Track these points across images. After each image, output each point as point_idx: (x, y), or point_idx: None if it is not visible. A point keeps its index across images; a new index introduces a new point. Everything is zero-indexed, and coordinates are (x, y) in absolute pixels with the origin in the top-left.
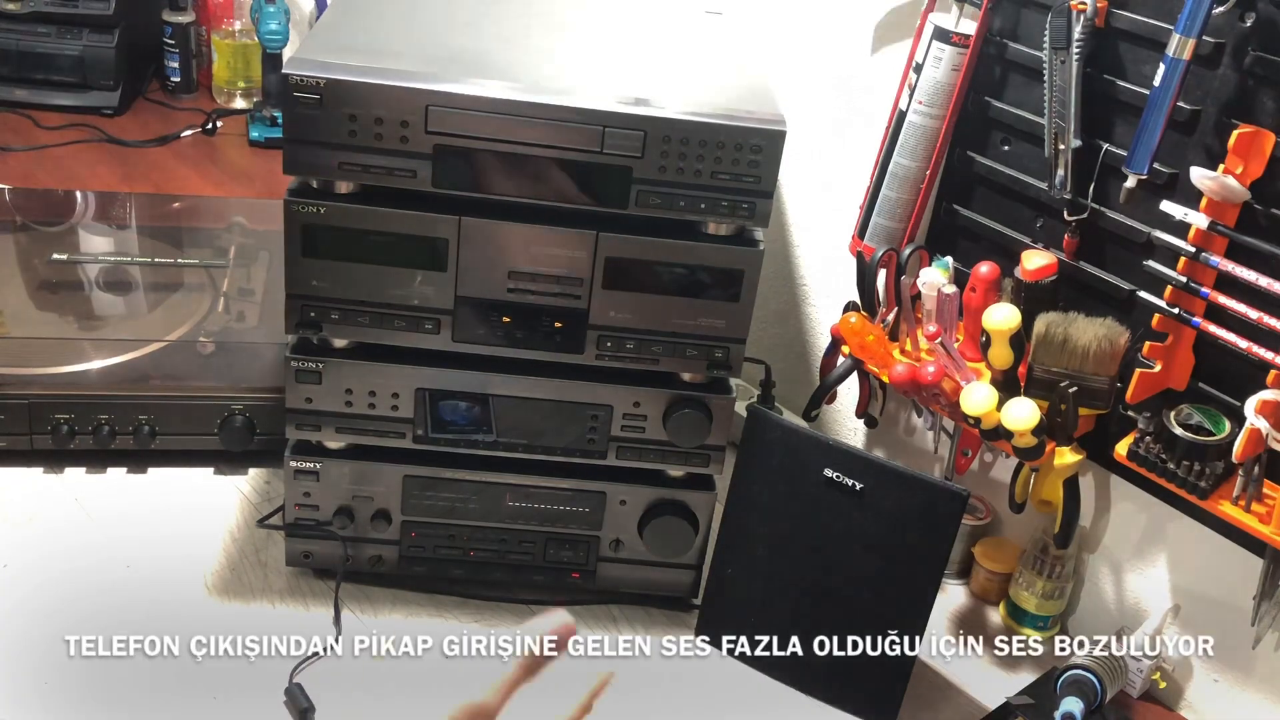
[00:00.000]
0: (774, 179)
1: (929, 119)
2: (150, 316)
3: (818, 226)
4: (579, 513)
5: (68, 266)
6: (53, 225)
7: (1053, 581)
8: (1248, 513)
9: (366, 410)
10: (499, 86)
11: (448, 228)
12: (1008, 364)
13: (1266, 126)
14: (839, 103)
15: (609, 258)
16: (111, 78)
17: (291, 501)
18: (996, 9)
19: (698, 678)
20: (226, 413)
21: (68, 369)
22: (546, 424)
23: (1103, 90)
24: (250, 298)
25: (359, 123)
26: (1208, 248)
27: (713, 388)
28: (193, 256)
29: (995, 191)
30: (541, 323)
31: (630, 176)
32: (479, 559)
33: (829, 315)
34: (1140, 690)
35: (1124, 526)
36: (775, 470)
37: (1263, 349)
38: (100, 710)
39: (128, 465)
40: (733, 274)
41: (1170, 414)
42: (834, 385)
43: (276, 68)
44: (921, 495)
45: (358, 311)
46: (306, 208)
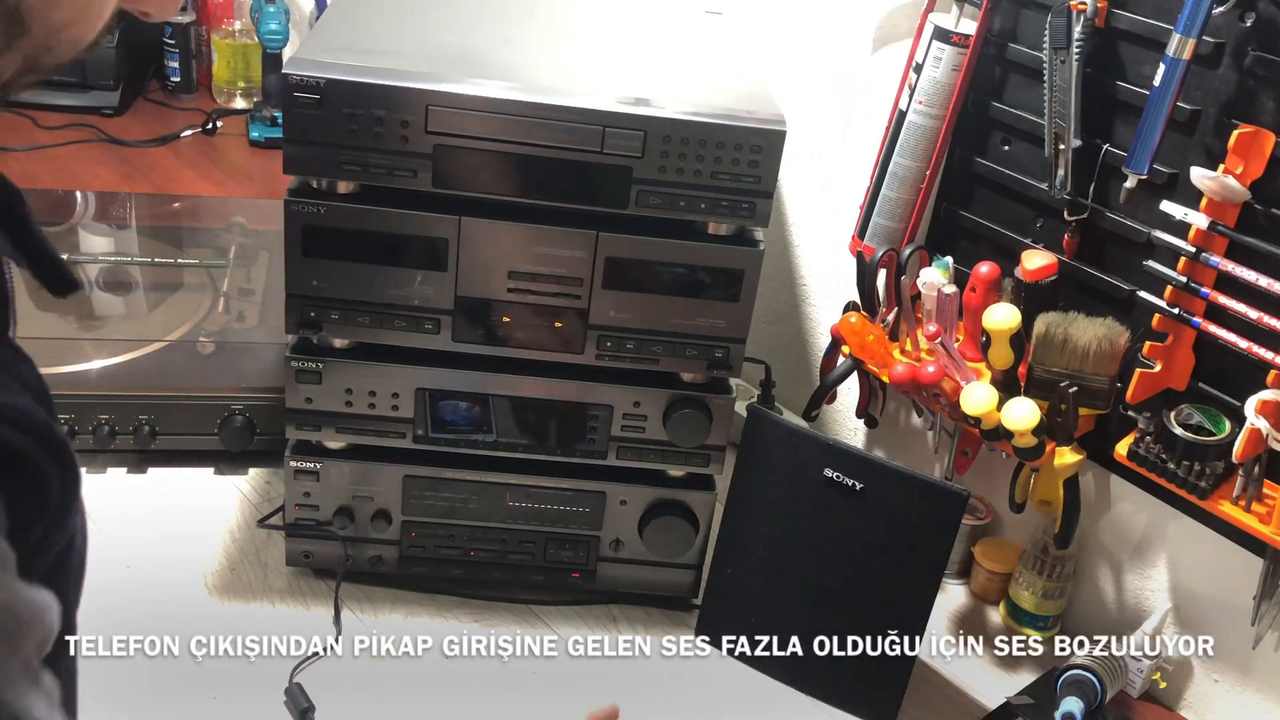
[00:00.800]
0: (774, 179)
1: (929, 119)
2: (150, 316)
3: (818, 226)
4: (579, 513)
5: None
6: (53, 225)
7: (1053, 581)
8: (1248, 513)
9: (366, 410)
10: (499, 86)
11: (448, 228)
12: (1008, 364)
13: (1266, 126)
14: (839, 103)
15: (609, 258)
16: (111, 78)
17: (291, 501)
18: (996, 9)
19: (698, 678)
20: (226, 413)
21: (68, 369)
22: (546, 424)
23: (1103, 90)
24: (250, 298)
25: (359, 123)
26: (1208, 248)
27: (713, 388)
28: (193, 256)
29: (995, 192)
30: (541, 323)
31: (630, 176)
32: (479, 559)
33: (829, 315)
34: (1140, 690)
35: (1124, 526)
36: (775, 470)
37: (1263, 349)
38: (100, 710)
39: (128, 465)
40: (733, 274)
41: (1170, 414)
42: (834, 385)
43: (276, 68)
44: (921, 495)
45: (358, 311)
46: (306, 208)
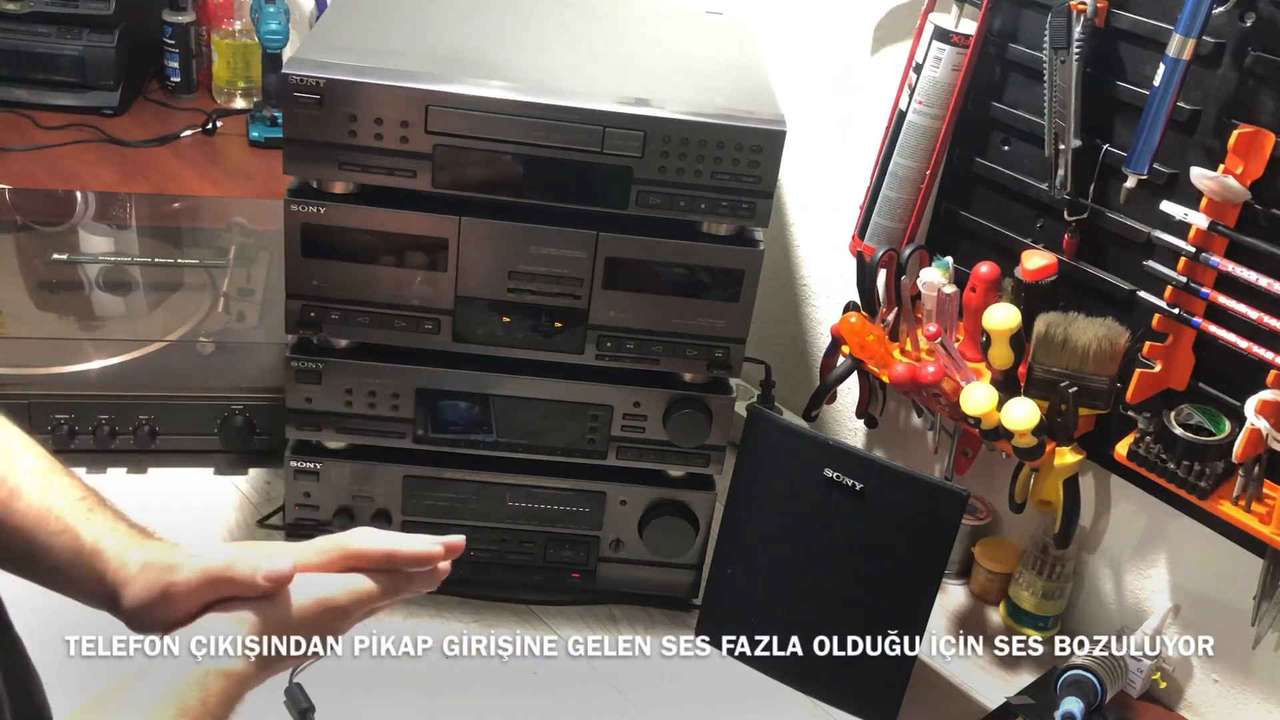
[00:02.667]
0: (774, 179)
1: (929, 119)
2: (150, 316)
3: (818, 226)
4: (579, 513)
5: (68, 266)
6: (53, 225)
7: (1053, 581)
8: (1248, 513)
9: (366, 410)
10: (499, 86)
11: (448, 228)
12: (1008, 364)
13: (1266, 126)
14: (839, 103)
15: (609, 258)
16: (111, 78)
17: (291, 501)
18: (996, 9)
19: (698, 678)
20: (226, 413)
21: (68, 369)
22: (546, 424)
23: (1103, 90)
24: (250, 298)
25: (359, 123)
26: (1208, 248)
27: (713, 388)
28: (193, 256)
29: (995, 192)
30: (541, 323)
31: (630, 176)
32: (479, 559)
33: (829, 315)
34: (1140, 690)
35: (1124, 526)
36: (775, 470)
37: (1263, 349)
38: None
39: (128, 465)
40: (733, 274)
41: (1170, 414)
42: (834, 385)
43: (276, 68)
44: (921, 495)
45: (358, 311)
46: (306, 208)
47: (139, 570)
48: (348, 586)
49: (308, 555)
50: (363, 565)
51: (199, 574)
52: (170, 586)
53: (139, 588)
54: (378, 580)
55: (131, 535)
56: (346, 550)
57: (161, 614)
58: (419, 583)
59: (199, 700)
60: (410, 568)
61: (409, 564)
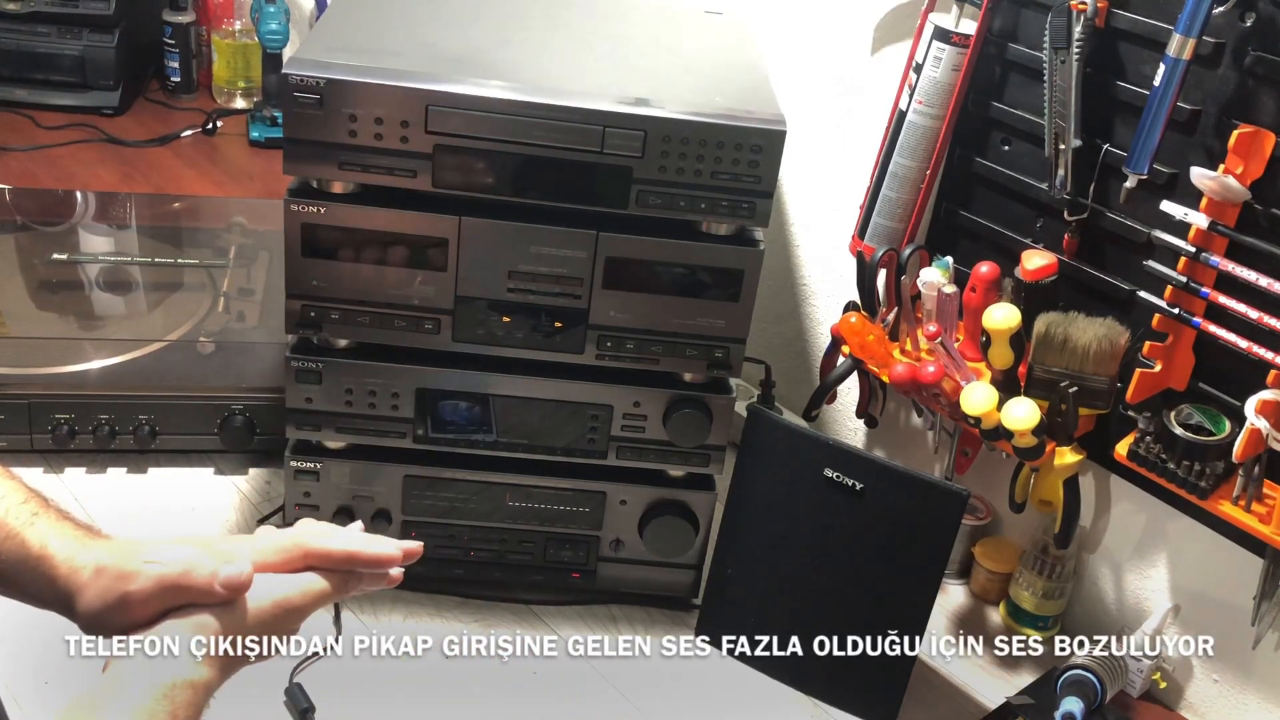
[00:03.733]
0: (774, 179)
1: (929, 119)
2: (150, 316)
3: (818, 226)
4: (579, 513)
5: (68, 266)
6: (53, 225)
7: (1053, 581)
8: (1248, 513)
9: (366, 410)
10: (499, 86)
11: (448, 228)
12: (1008, 364)
13: (1266, 126)
14: (839, 103)
15: (609, 258)
16: (111, 78)
17: (292, 501)
18: (996, 9)
19: (698, 678)
20: (226, 413)
21: (68, 369)
22: (546, 424)
23: (1103, 90)
24: (250, 298)
25: (359, 123)
26: (1208, 248)
27: (713, 388)
28: (193, 256)
29: (995, 192)
30: (541, 323)
31: (630, 176)
32: (479, 559)
33: (829, 315)
34: (1140, 690)
35: (1124, 526)
36: (775, 470)
37: (1263, 349)
38: None
39: (128, 465)
40: (733, 274)
41: (1170, 414)
42: (834, 385)
43: (276, 68)
44: (921, 495)
45: (358, 311)
46: (306, 208)
47: (92, 575)
48: (304, 588)
49: (267, 554)
50: (323, 565)
51: (154, 583)
52: (126, 595)
53: (93, 594)
54: (331, 579)
55: (79, 536)
56: (307, 550)
57: (118, 621)
58: (369, 582)
59: (168, 714)
60: (368, 569)
61: (368, 566)
